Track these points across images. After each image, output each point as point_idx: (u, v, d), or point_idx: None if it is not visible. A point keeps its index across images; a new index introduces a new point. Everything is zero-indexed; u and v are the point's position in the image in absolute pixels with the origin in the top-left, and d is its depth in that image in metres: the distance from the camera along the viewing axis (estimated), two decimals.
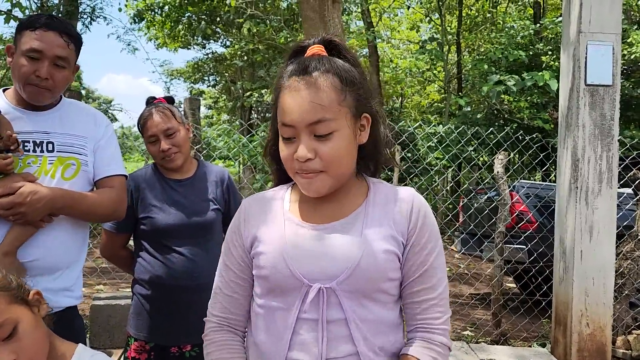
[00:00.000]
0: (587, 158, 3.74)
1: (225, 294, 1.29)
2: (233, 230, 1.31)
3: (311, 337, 1.16)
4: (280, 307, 1.20)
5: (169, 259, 2.17)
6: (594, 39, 3.72)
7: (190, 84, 21.77)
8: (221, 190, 2.30)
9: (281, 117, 1.18)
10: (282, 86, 1.20)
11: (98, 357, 1.34)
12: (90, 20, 12.74)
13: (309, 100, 1.15)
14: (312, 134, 1.16)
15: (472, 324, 5.15)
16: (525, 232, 5.13)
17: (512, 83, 9.34)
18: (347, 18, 14.59)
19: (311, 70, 1.17)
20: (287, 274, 1.17)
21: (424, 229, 1.23)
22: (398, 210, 1.24)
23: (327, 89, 1.16)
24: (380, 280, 1.19)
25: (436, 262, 1.24)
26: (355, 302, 1.17)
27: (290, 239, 1.21)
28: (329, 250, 1.18)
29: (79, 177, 1.84)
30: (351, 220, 1.22)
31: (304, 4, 4.00)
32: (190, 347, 2.18)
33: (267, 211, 1.28)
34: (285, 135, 1.18)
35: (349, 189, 1.27)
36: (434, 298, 1.22)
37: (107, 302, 3.62)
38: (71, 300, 1.83)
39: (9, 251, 1.67)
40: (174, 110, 2.28)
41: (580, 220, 3.72)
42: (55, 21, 1.79)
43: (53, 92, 1.81)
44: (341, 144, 1.17)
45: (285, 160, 1.20)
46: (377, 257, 1.18)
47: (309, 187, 1.19)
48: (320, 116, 1.15)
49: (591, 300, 3.71)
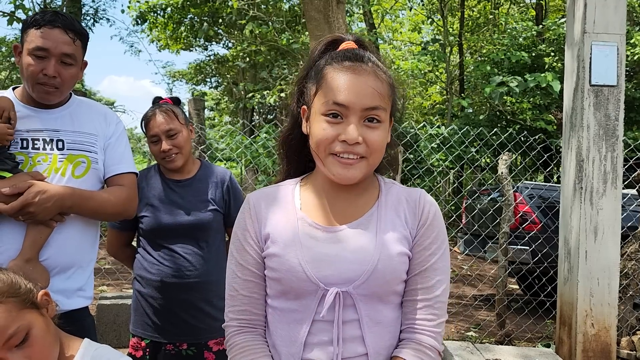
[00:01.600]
0: (591, 158, 3.74)
1: (244, 294, 1.24)
2: (244, 228, 1.26)
3: (327, 338, 1.16)
4: (295, 309, 1.18)
5: (164, 257, 2.20)
6: (599, 40, 3.72)
7: (193, 85, 21.80)
8: (221, 191, 2.31)
9: (332, 95, 1.16)
10: (330, 67, 1.19)
11: (102, 349, 1.35)
12: (93, 22, 12.77)
13: (370, 85, 1.16)
14: (363, 118, 1.16)
15: (476, 325, 5.15)
16: (529, 232, 5.13)
17: (514, 84, 9.35)
18: (349, 20, 14.61)
19: (366, 60, 1.19)
20: (302, 278, 1.16)
21: (431, 229, 1.23)
22: (409, 210, 1.24)
23: (384, 81, 1.19)
24: (395, 283, 1.20)
25: (438, 264, 1.23)
26: (369, 304, 1.18)
27: (305, 241, 1.19)
28: (345, 254, 1.18)
29: (89, 175, 1.84)
30: (365, 222, 1.22)
31: (308, 5, 4.01)
32: (187, 345, 2.20)
33: (277, 209, 1.25)
34: (331, 113, 1.16)
35: (366, 187, 1.26)
36: (429, 299, 1.21)
37: (114, 301, 3.63)
38: (83, 300, 1.83)
39: (30, 257, 1.67)
40: (178, 111, 2.30)
41: (585, 220, 3.72)
42: (60, 18, 1.78)
43: (61, 90, 1.81)
44: (384, 136, 1.20)
45: (324, 140, 1.16)
46: (393, 260, 1.18)
47: (346, 172, 1.17)
48: (378, 103, 1.17)
49: (596, 301, 3.71)
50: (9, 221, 1.68)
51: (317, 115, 1.19)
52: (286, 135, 1.31)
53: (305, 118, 1.25)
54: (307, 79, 1.25)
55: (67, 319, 1.62)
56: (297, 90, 1.29)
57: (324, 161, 1.19)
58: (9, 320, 1.17)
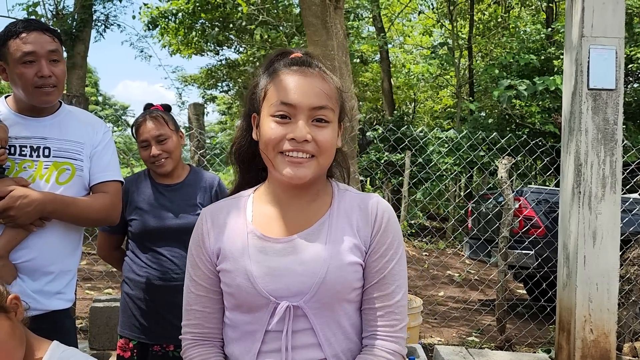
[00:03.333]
0: (590, 163, 3.71)
1: (196, 309, 1.26)
2: (197, 244, 1.27)
3: (278, 347, 1.18)
4: (248, 321, 1.21)
5: (152, 260, 2.25)
6: (597, 43, 3.70)
7: (204, 90, 21.96)
8: (209, 196, 2.35)
9: (280, 95, 1.18)
10: (280, 71, 1.22)
11: (70, 351, 1.38)
12: (105, 27, 12.94)
13: (316, 86, 1.19)
14: (311, 118, 1.18)
15: (478, 329, 5.13)
16: (531, 237, 5.10)
17: (523, 87, 9.30)
18: (358, 23, 14.62)
19: (314, 65, 1.23)
20: (253, 293, 1.18)
21: (386, 235, 1.23)
22: (362, 217, 1.24)
23: (331, 84, 1.22)
24: (346, 292, 1.21)
25: (395, 269, 1.23)
26: (322, 313, 1.19)
27: (254, 256, 1.20)
28: (294, 267, 1.19)
29: (74, 182, 1.88)
30: (315, 231, 1.22)
31: (306, 11, 4.04)
32: (174, 347, 2.23)
33: (229, 223, 1.25)
34: (279, 114, 1.18)
35: (318, 192, 1.27)
36: (390, 305, 1.22)
37: (107, 304, 3.68)
38: (62, 302, 1.86)
39: (1, 255, 1.72)
40: (168, 117, 2.35)
41: (583, 225, 3.69)
42: (32, 22, 1.84)
43: (59, 88, 1.85)
44: (333, 135, 1.21)
45: (272, 139, 1.18)
46: (342, 271, 1.19)
47: (296, 171, 1.17)
48: (325, 103, 1.19)
49: (595, 306, 3.68)
50: None
51: (266, 118, 1.20)
52: (237, 143, 1.31)
53: (256, 125, 1.26)
54: (257, 87, 1.27)
55: (47, 320, 1.66)
56: (249, 98, 1.30)
57: (273, 161, 1.20)
58: None
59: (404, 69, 18.60)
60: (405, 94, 19.71)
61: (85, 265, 6.42)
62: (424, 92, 19.65)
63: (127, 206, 2.28)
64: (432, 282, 6.98)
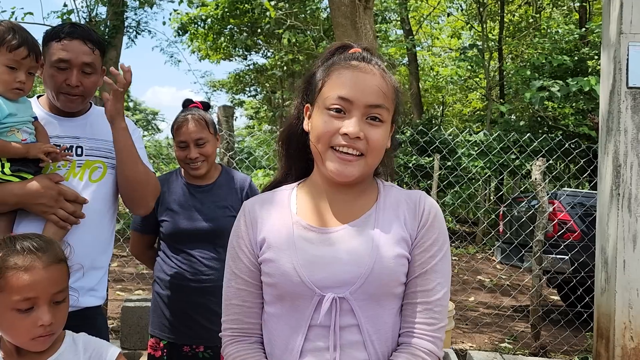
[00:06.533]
0: (629, 163, 3.59)
1: (235, 303, 1.24)
2: (239, 235, 1.25)
3: (323, 344, 1.14)
4: (291, 314, 1.17)
5: (183, 261, 2.25)
6: (636, 40, 3.58)
7: (232, 94, 22.18)
8: (240, 197, 2.33)
9: (337, 89, 1.17)
10: (338, 64, 1.20)
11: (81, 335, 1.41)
12: (136, 34, 13.19)
13: (375, 84, 1.18)
14: (365, 116, 1.17)
15: (511, 336, 5.00)
16: (567, 241, 4.96)
17: (556, 89, 9.09)
18: (386, 26, 14.56)
19: (374, 63, 1.21)
20: (296, 282, 1.15)
21: (432, 230, 1.21)
22: (409, 210, 1.22)
23: (389, 83, 1.20)
24: (393, 285, 1.18)
25: (438, 266, 1.20)
26: (368, 308, 1.16)
27: (299, 244, 1.18)
28: (341, 255, 1.16)
29: (106, 179, 1.91)
30: (361, 223, 1.20)
31: (335, 11, 4.02)
32: (203, 348, 2.22)
33: (273, 213, 1.24)
34: (335, 108, 1.16)
35: (364, 189, 1.25)
36: (429, 302, 1.18)
37: (138, 304, 3.72)
38: (95, 299, 1.88)
39: None
40: (209, 120, 2.33)
41: (622, 228, 3.57)
42: (78, 29, 1.85)
43: (84, 98, 1.89)
44: (385, 136, 1.20)
45: (325, 133, 1.17)
46: (390, 262, 1.16)
47: (344, 169, 1.16)
48: (382, 102, 1.18)
49: (635, 313, 3.55)
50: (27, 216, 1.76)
51: (321, 110, 1.19)
52: (287, 132, 1.30)
53: (308, 116, 1.25)
54: (313, 78, 1.26)
55: (79, 317, 1.66)
56: (303, 88, 1.29)
57: (323, 155, 1.18)
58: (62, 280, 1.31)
59: (432, 72, 18.44)
60: (433, 96, 19.54)
61: (117, 267, 6.52)
62: (453, 94, 19.43)
63: (159, 206, 2.28)
64: (462, 287, 6.86)
